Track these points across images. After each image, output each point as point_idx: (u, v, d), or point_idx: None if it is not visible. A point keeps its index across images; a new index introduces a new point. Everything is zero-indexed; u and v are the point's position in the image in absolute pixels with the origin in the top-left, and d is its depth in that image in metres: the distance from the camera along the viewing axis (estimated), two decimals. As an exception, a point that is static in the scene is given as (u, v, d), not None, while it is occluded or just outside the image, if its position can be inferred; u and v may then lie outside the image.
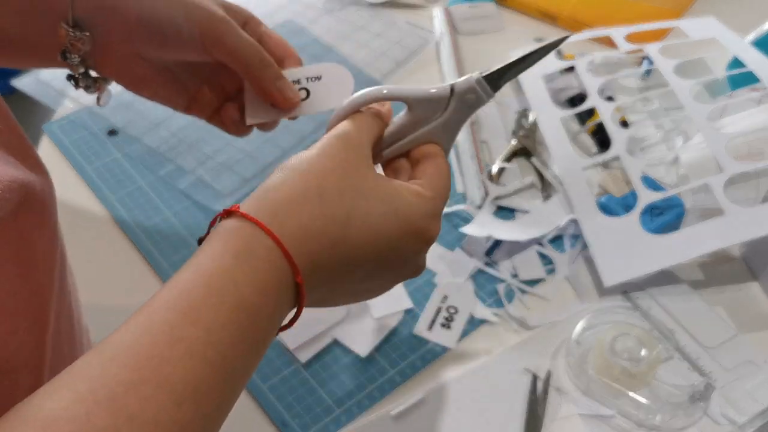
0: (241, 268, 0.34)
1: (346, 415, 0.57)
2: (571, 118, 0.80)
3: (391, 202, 0.39)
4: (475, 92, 0.42)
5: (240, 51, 0.49)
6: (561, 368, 0.59)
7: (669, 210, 0.67)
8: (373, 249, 0.38)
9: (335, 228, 0.37)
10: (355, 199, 0.38)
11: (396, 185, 0.40)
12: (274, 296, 0.35)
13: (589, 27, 0.92)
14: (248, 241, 0.35)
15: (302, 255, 0.36)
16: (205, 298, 0.33)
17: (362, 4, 0.98)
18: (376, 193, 0.39)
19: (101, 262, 0.68)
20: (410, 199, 0.40)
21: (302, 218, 0.36)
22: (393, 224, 0.39)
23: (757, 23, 0.83)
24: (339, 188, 0.38)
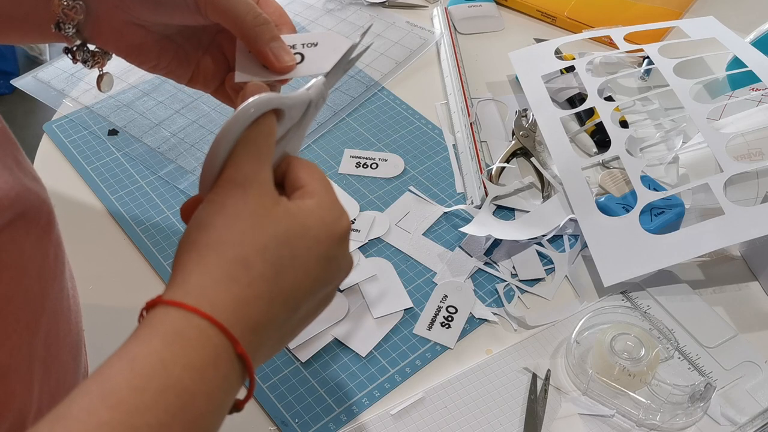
0: (170, 349, 0.33)
1: (346, 415, 0.57)
2: (570, 118, 0.80)
3: (307, 234, 0.38)
4: (323, 95, 0.42)
5: (233, 8, 0.46)
6: (560, 368, 0.59)
7: (669, 210, 0.67)
8: (310, 281, 0.38)
9: (266, 286, 0.36)
10: (278, 249, 0.37)
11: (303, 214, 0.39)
12: (212, 374, 0.34)
13: (589, 27, 0.92)
14: (176, 323, 0.34)
15: (240, 324, 0.35)
16: (128, 381, 0.32)
17: (362, 4, 0.98)
18: (292, 233, 0.37)
19: (101, 261, 0.68)
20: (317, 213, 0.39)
21: (233, 291, 0.35)
22: (317, 249, 0.38)
23: (757, 23, 0.83)
24: (258, 249, 0.36)
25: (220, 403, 0.34)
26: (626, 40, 0.83)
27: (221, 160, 0.37)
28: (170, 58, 0.52)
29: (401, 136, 0.80)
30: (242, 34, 0.47)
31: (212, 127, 0.80)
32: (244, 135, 0.37)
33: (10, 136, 0.40)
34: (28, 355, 0.37)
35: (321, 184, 0.40)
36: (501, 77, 0.88)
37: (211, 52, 0.53)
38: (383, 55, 0.90)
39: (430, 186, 0.74)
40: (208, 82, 0.53)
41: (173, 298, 0.35)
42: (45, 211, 0.38)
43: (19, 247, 0.36)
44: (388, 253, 0.68)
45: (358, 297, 0.64)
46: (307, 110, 0.42)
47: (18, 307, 0.36)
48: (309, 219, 0.38)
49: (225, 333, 0.34)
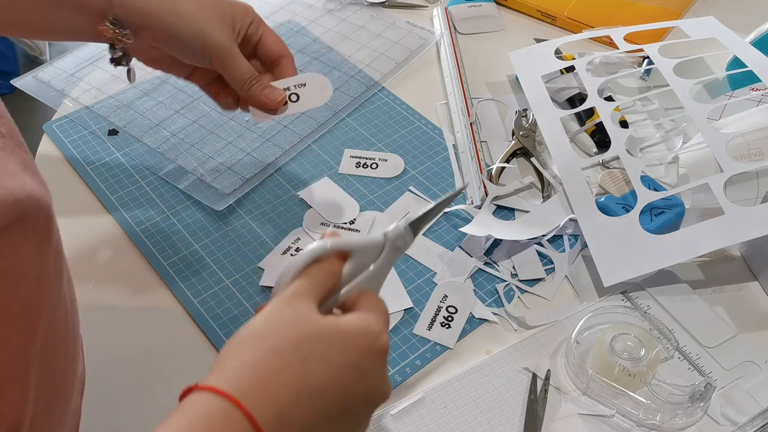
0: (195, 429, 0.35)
1: (346, 415, 0.57)
2: (570, 118, 0.80)
3: (342, 336, 0.41)
4: (403, 238, 0.46)
5: (237, 76, 0.61)
6: (560, 368, 0.59)
7: (669, 210, 0.67)
8: (340, 385, 0.40)
9: (296, 378, 0.38)
10: (310, 345, 0.39)
11: (343, 321, 0.42)
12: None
13: (589, 27, 0.92)
14: (204, 406, 0.36)
15: (265, 411, 0.37)
16: None
17: (362, 4, 0.98)
18: (327, 334, 0.40)
19: (101, 262, 0.68)
20: (356, 324, 0.42)
21: (261, 376, 0.38)
22: (349, 354, 0.40)
23: (757, 23, 0.83)
24: (292, 341, 0.39)
25: None
26: (626, 40, 0.83)
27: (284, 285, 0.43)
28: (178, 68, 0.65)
29: (401, 136, 0.80)
30: (242, 92, 0.62)
31: (212, 127, 0.80)
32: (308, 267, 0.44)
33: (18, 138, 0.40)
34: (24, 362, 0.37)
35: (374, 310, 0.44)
36: (501, 77, 0.88)
37: None
38: (383, 55, 0.90)
39: (430, 186, 0.74)
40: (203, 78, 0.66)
41: (206, 383, 0.37)
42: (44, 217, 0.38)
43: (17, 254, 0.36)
44: (388, 253, 0.68)
45: (358, 297, 0.64)
46: (383, 251, 0.46)
47: (15, 315, 0.35)
48: (347, 326, 0.41)
49: (247, 416, 0.36)
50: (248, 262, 0.67)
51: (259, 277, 0.66)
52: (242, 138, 0.79)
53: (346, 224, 0.70)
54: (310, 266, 0.44)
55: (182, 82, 0.86)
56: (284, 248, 0.68)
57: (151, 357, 0.61)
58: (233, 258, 0.68)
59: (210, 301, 0.64)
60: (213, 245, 0.69)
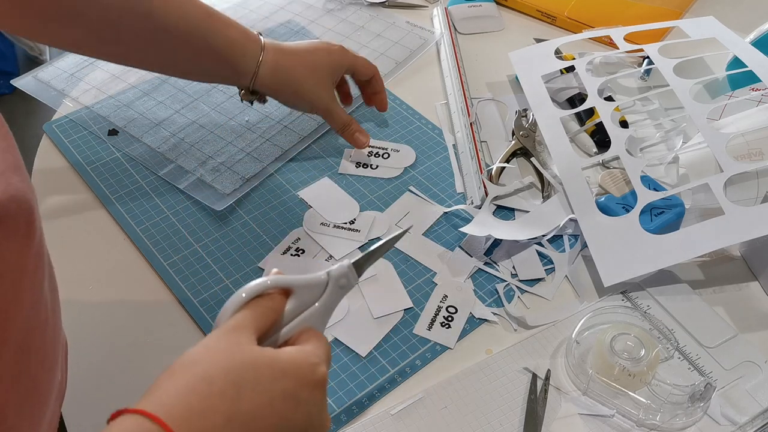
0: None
1: (346, 415, 0.57)
2: (570, 118, 0.80)
3: (277, 366, 0.41)
4: (347, 276, 0.47)
5: (337, 125, 0.76)
6: (560, 368, 0.59)
7: (669, 210, 0.67)
8: (272, 411, 0.40)
9: (227, 403, 0.38)
10: (242, 372, 0.40)
11: (281, 352, 0.42)
12: None
13: (589, 27, 0.92)
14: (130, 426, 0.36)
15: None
16: None
17: (362, 4, 0.98)
18: (260, 363, 0.41)
19: (101, 262, 0.68)
20: (292, 355, 0.42)
21: (189, 401, 0.38)
22: (283, 383, 0.41)
23: (757, 23, 0.83)
24: (225, 368, 0.39)
25: None
26: (626, 40, 0.83)
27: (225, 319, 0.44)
28: None
29: (401, 136, 0.80)
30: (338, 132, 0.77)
31: (212, 127, 0.80)
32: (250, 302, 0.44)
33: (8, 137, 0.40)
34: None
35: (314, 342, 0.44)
36: (501, 77, 0.88)
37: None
38: (383, 55, 0.90)
39: (430, 186, 0.74)
40: None
41: (136, 406, 0.38)
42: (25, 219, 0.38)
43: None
44: (388, 253, 0.68)
45: (358, 297, 0.64)
46: (326, 289, 0.47)
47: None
48: (283, 357, 0.42)
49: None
50: (248, 262, 0.67)
51: (259, 277, 0.66)
52: (242, 138, 0.79)
53: (346, 224, 0.70)
54: (251, 301, 0.45)
55: (182, 82, 0.86)
56: (284, 248, 0.68)
57: (151, 357, 0.61)
58: (233, 258, 0.68)
59: (210, 301, 0.64)
60: (213, 245, 0.69)
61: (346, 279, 0.47)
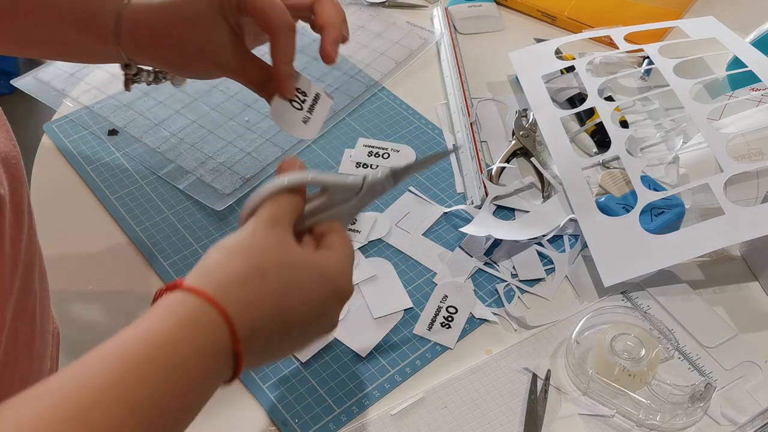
0: (183, 332, 0.37)
1: (346, 415, 0.57)
2: (570, 118, 0.80)
3: (319, 270, 0.43)
4: (382, 184, 0.48)
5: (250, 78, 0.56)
6: (561, 368, 0.59)
7: (669, 210, 0.67)
8: (308, 310, 0.42)
9: (274, 299, 0.40)
10: (291, 271, 0.42)
11: (320, 255, 0.45)
12: (212, 361, 0.37)
13: (589, 27, 0.92)
14: (193, 310, 0.38)
15: (243, 324, 0.39)
16: (143, 352, 0.35)
17: (362, 4, 0.98)
18: (307, 264, 0.43)
19: (101, 262, 0.68)
20: (330, 262, 0.44)
21: (246, 293, 0.39)
22: (322, 288, 0.43)
23: (757, 23, 0.83)
24: (277, 265, 0.41)
25: (210, 388, 0.38)
26: (626, 40, 0.83)
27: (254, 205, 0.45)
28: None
29: (401, 136, 0.80)
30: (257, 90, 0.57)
31: (212, 127, 0.80)
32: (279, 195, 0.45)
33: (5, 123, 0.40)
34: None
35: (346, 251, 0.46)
36: (501, 77, 0.88)
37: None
38: (383, 55, 0.90)
39: (430, 186, 0.74)
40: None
41: (195, 284, 0.39)
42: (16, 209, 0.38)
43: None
44: (389, 253, 0.68)
45: (358, 297, 0.64)
46: (359, 193, 0.47)
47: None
48: (325, 263, 0.44)
49: (231, 329, 0.38)
50: (248, 262, 0.67)
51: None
52: (242, 138, 0.79)
53: (346, 224, 0.70)
54: (284, 194, 0.45)
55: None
56: (284, 248, 0.68)
57: (151, 357, 0.61)
58: (233, 258, 0.68)
59: (210, 301, 0.64)
60: (213, 245, 0.69)
61: (381, 186, 0.48)
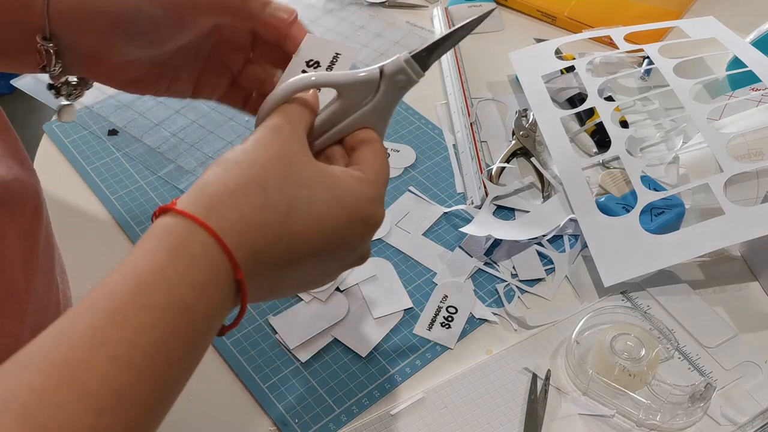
0: (174, 266, 0.33)
1: (346, 415, 0.57)
2: (570, 118, 0.80)
3: (333, 189, 0.38)
4: (405, 72, 0.42)
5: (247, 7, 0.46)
6: (561, 368, 0.59)
7: (669, 210, 0.67)
8: (320, 237, 0.37)
9: (278, 218, 0.36)
10: (298, 188, 0.37)
11: (336, 172, 0.39)
12: (213, 294, 0.34)
13: (589, 27, 0.92)
14: (183, 236, 0.34)
15: (244, 248, 0.35)
16: (133, 297, 0.32)
17: (362, 4, 0.98)
18: (317, 181, 0.38)
19: (101, 262, 0.68)
20: (353, 184, 0.39)
21: (243, 210, 0.35)
22: (337, 211, 0.38)
23: (757, 23, 0.83)
24: (280, 178, 0.36)
25: (215, 324, 0.35)
26: (626, 40, 0.83)
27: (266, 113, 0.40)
28: (168, 83, 0.51)
29: (401, 136, 0.80)
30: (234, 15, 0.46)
31: (212, 127, 0.80)
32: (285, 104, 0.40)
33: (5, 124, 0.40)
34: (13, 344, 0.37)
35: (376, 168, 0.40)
36: (501, 77, 0.88)
37: (210, 63, 0.52)
38: (383, 55, 0.90)
39: (430, 186, 0.74)
40: (213, 91, 0.53)
41: (185, 207, 0.35)
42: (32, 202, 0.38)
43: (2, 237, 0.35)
44: (388, 253, 0.68)
45: (358, 297, 0.64)
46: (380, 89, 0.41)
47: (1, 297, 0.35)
48: (343, 180, 0.39)
49: (228, 256, 0.34)
50: (248, 262, 0.67)
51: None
52: (242, 138, 0.79)
53: (346, 224, 0.70)
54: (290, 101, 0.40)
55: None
56: (284, 248, 0.68)
57: (151, 357, 0.61)
58: (233, 258, 0.68)
59: (210, 301, 0.64)
60: None
61: (404, 75, 0.41)
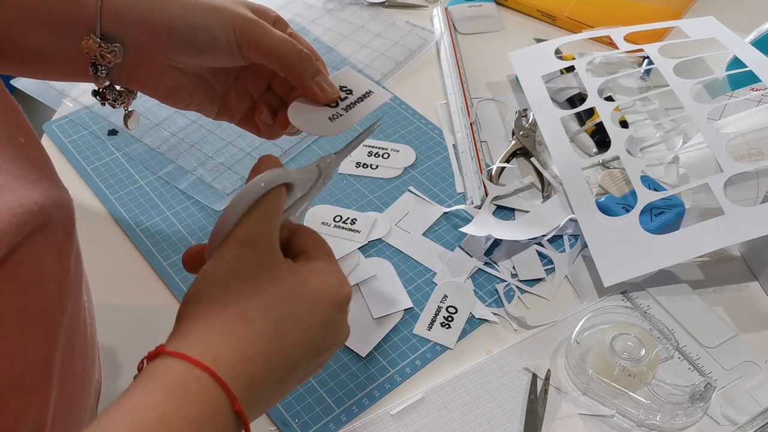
0: (171, 402, 0.34)
1: (346, 415, 0.57)
2: (570, 118, 0.80)
3: (309, 295, 0.40)
4: (331, 168, 0.46)
5: (277, 48, 0.49)
6: (560, 368, 0.59)
7: (669, 210, 0.67)
8: (308, 342, 0.39)
9: (266, 343, 0.37)
10: (280, 307, 0.38)
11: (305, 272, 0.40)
12: (209, 427, 0.35)
13: (589, 27, 0.92)
14: (179, 376, 0.35)
15: (239, 379, 0.36)
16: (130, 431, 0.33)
17: (362, 4, 0.98)
18: (295, 292, 0.39)
19: (101, 262, 0.68)
20: (320, 280, 0.41)
21: (234, 346, 0.36)
22: (318, 314, 0.40)
23: (757, 23, 0.83)
24: (262, 305, 0.38)
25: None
26: (626, 40, 0.83)
27: (231, 224, 0.40)
28: (201, 96, 0.54)
29: (401, 136, 0.80)
30: (289, 71, 0.50)
31: (212, 127, 0.80)
32: (257, 202, 0.40)
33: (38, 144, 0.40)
34: (47, 368, 0.36)
35: (324, 251, 0.42)
36: (501, 77, 0.88)
37: (236, 87, 0.55)
38: (383, 55, 0.90)
39: (430, 186, 0.74)
40: (233, 114, 0.56)
41: (177, 349, 0.36)
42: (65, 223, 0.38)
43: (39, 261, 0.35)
44: (388, 253, 0.68)
45: (358, 297, 0.64)
46: (316, 182, 0.45)
47: (35, 321, 0.35)
48: (312, 281, 0.40)
49: (224, 389, 0.35)
50: (248, 262, 0.67)
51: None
52: (242, 138, 0.79)
53: (346, 224, 0.70)
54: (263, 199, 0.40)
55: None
56: (284, 248, 0.68)
57: (151, 357, 0.61)
58: (233, 258, 0.68)
59: (210, 301, 0.64)
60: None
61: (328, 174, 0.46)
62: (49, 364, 0.37)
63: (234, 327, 0.37)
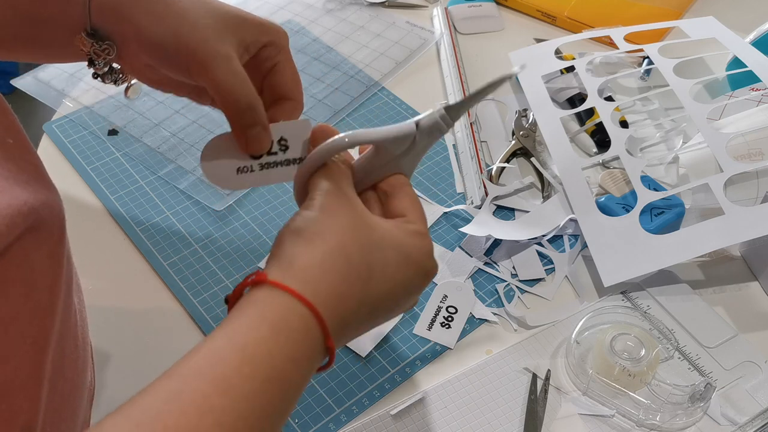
0: (276, 339, 0.35)
1: (346, 415, 0.57)
2: (570, 118, 0.80)
3: (401, 248, 0.41)
4: (439, 126, 0.44)
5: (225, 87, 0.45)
6: (560, 368, 0.59)
7: (669, 210, 0.67)
8: (393, 296, 0.41)
9: (360, 285, 0.39)
10: (373, 252, 0.39)
11: (400, 230, 0.42)
12: (306, 365, 0.37)
13: (589, 27, 0.92)
14: (283, 311, 0.36)
15: (333, 318, 0.37)
16: (239, 367, 0.34)
17: (362, 4, 0.98)
18: (387, 241, 0.40)
19: (101, 262, 0.68)
20: (415, 241, 0.42)
21: (331, 281, 0.38)
22: (407, 270, 0.41)
23: (757, 23, 0.83)
24: (358, 244, 0.39)
25: (301, 392, 0.38)
26: (626, 40, 0.83)
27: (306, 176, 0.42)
28: (188, 90, 0.54)
29: (401, 136, 0.80)
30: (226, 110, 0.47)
31: (212, 127, 0.80)
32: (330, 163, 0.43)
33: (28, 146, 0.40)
34: (37, 371, 0.36)
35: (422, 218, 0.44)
36: (501, 77, 0.88)
37: None
38: (383, 55, 0.90)
39: (430, 186, 0.74)
40: None
41: (281, 280, 0.37)
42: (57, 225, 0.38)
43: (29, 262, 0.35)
44: (388, 253, 0.68)
45: (358, 297, 0.64)
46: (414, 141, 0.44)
47: (25, 324, 0.35)
48: (408, 239, 0.41)
49: (323, 328, 0.37)
50: (248, 262, 0.67)
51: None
52: (242, 138, 0.79)
53: (346, 224, 0.70)
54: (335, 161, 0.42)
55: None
56: (284, 248, 0.68)
57: (150, 357, 0.60)
58: (233, 258, 0.68)
59: (210, 301, 0.64)
60: (213, 245, 0.69)
61: (437, 128, 0.44)
62: (40, 366, 0.37)
63: (335, 261, 0.38)
